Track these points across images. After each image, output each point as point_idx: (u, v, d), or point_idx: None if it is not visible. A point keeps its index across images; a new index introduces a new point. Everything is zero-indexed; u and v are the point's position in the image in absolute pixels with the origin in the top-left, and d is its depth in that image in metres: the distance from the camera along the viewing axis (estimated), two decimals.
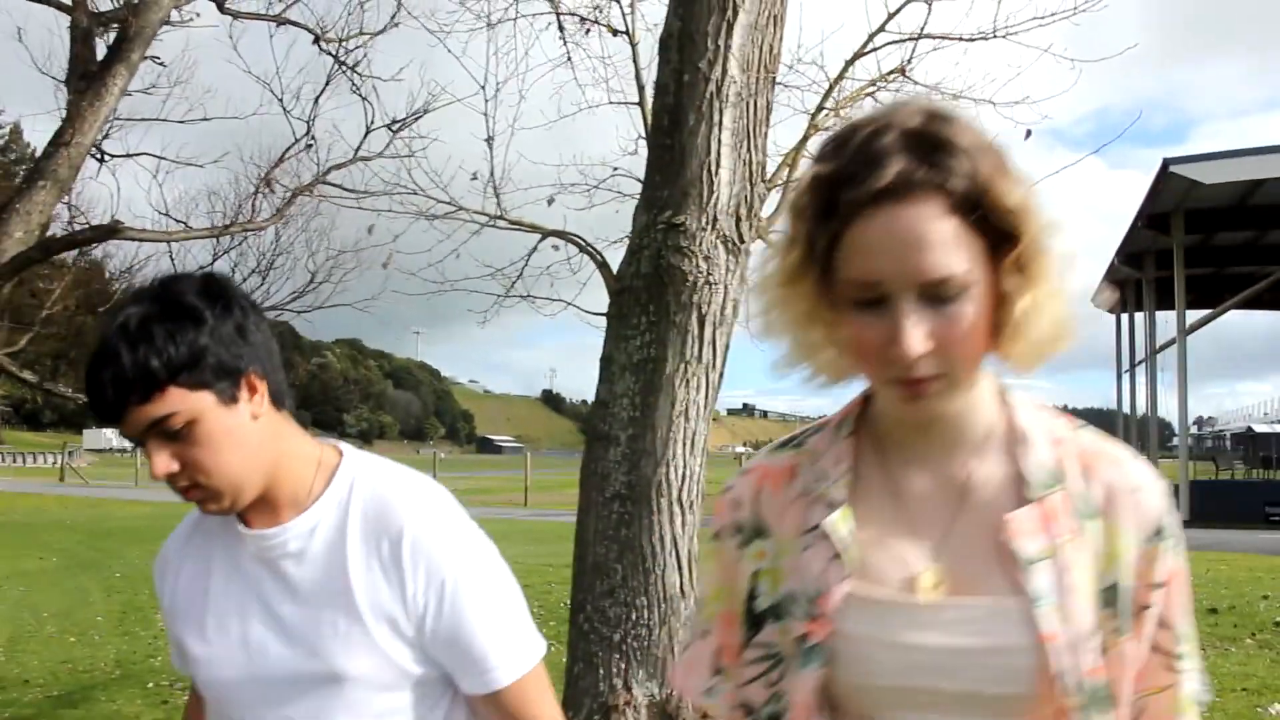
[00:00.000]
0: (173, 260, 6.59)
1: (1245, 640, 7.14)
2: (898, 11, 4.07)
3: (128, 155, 6.26)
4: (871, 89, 4.14)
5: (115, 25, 6.93)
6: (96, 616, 10.58)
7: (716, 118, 3.47)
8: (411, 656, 1.41)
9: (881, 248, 1.00)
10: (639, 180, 4.23)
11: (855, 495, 1.16)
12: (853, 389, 1.21)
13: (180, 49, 6.50)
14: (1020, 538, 1.07)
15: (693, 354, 3.57)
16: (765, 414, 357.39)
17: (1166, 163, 17.31)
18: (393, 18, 8.20)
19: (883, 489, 1.16)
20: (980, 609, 1.08)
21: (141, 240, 5.48)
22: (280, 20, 7.88)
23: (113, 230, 5.11)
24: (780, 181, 4.06)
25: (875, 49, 4.16)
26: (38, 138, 6.52)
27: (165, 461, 1.32)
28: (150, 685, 7.41)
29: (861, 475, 1.17)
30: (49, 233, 5.76)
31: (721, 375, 3.77)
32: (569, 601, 3.83)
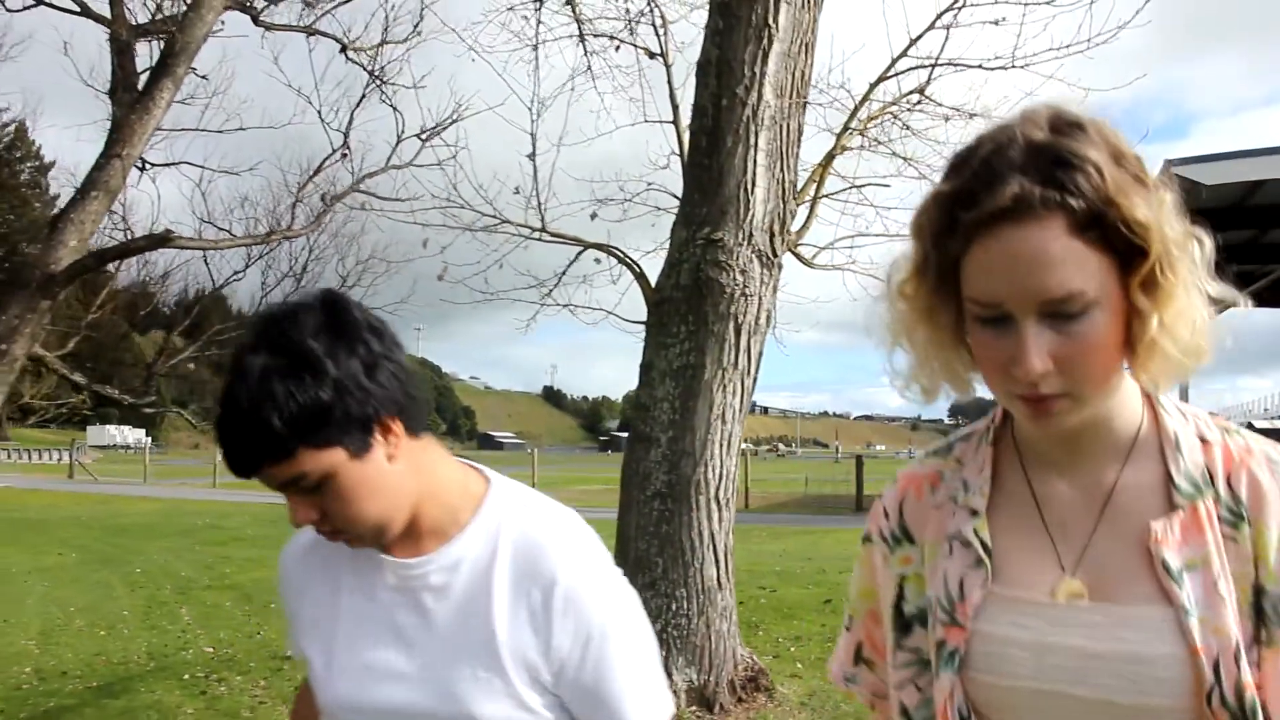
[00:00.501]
0: (207, 264, 6.82)
1: None
2: (919, 38, 4.31)
3: (170, 164, 6.50)
4: (893, 108, 4.38)
5: (155, 37, 7.20)
6: (123, 611, 10.75)
7: (753, 140, 3.70)
8: (543, 703, 1.37)
9: (1001, 268, 0.99)
10: (672, 195, 4.46)
11: (996, 503, 1.16)
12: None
13: (218, 60, 6.70)
14: (1168, 546, 1.04)
15: (729, 361, 3.81)
16: (766, 410, 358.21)
17: (1167, 164, 17.53)
18: (415, 27, 8.46)
19: (1024, 496, 1.15)
20: (1123, 616, 1.05)
21: (189, 248, 5.71)
22: (310, 31, 8.12)
23: (164, 239, 5.34)
24: (808, 197, 4.29)
25: (898, 73, 4.39)
26: (83, 148, 6.75)
27: (306, 513, 1.29)
28: (186, 677, 7.61)
29: (1003, 483, 1.17)
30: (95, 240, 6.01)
31: (755, 380, 4.00)
32: None
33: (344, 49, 8.41)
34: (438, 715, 1.35)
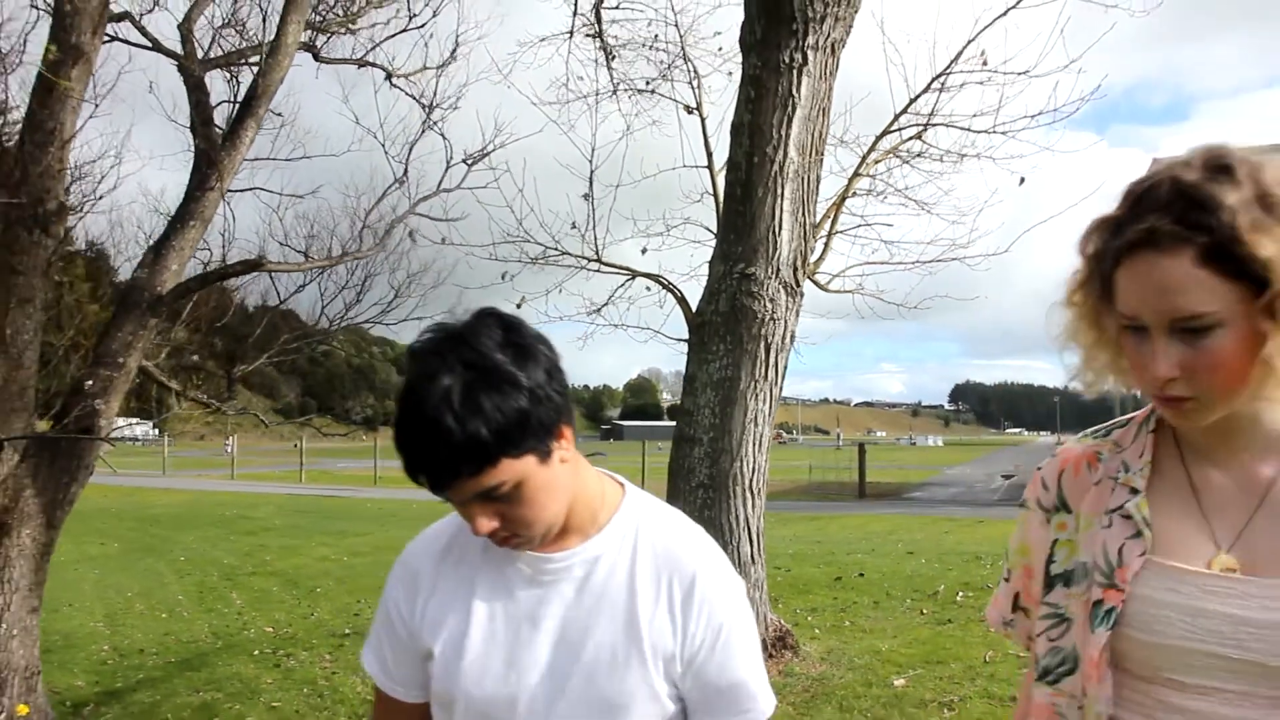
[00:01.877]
0: (273, 280, 7.55)
1: None
2: (915, 99, 5.05)
3: (246, 190, 7.24)
4: (892, 152, 5.12)
5: (225, 69, 7.91)
6: (178, 595, 11.39)
7: (780, 191, 4.44)
8: (670, 694, 1.43)
9: (1137, 289, 1.13)
10: (705, 228, 5.21)
11: (1154, 485, 1.27)
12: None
13: (285, 94, 7.42)
14: None
15: (760, 374, 4.56)
16: None
17: (1155, 162, 18.23)
18: (452, 53, 9.18)
19: (1180, 482, 1.26)
20: (1273, 588, 1.16)
21: (277, 271, 6.45)
22: (361, 63, 8.84)
23: (257, 264, 6.08)
24: (823, 233, 5.05)
25: (900, 129, 5.13)
26: (167, 177, 7.46)
27: (488, 521, 1.33)
28: (255, 653, 8.30)
29: (1161, 468, 1.28)
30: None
31: (781, 390, 4.75)
32: None
33: (389, 77, 9.12)
34: (580, 700, 1.40)
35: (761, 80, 4.51)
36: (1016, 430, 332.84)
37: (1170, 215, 1.11)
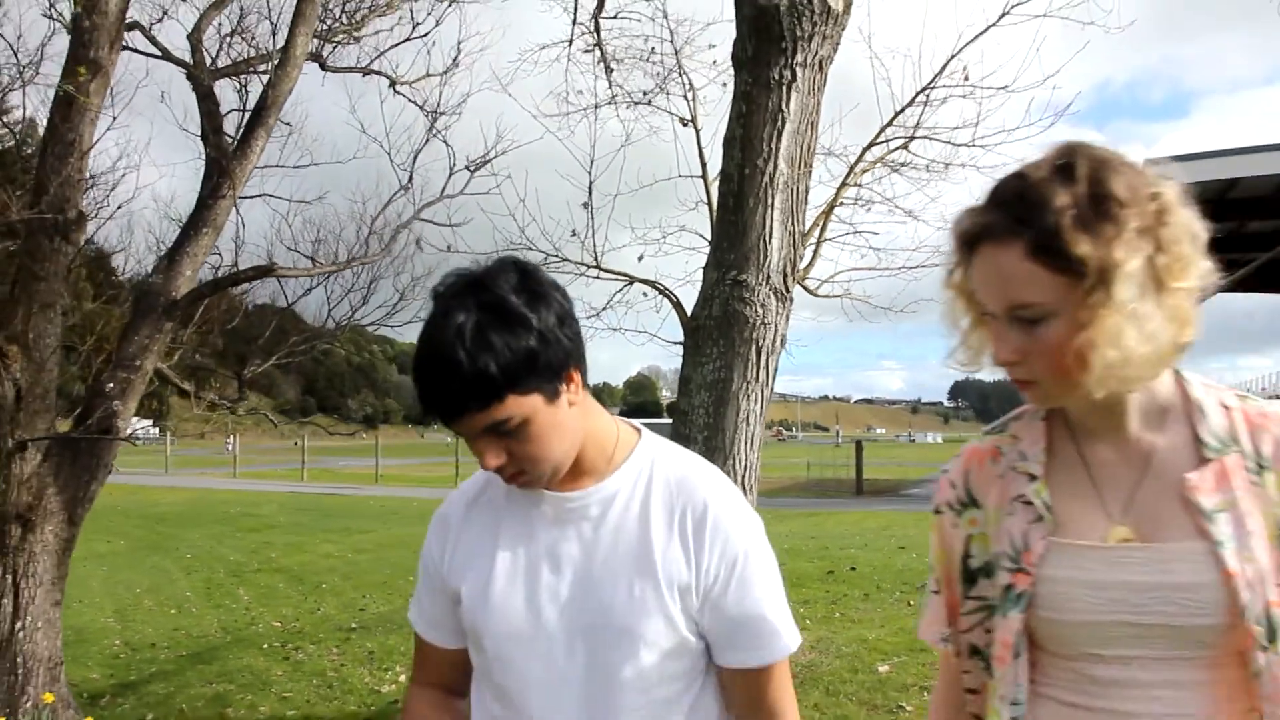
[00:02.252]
0: (281, 283, 7.77)
1: None
2: (900, 112, 5.27)
3: (256, 196, 7.47)
4: (879, 162, 5.35)
5: (233, 78, 8.12)
6: (185, 592, 11.61)
7: (770, 201, 4.65)
8: (688, 626, 1.45)
9: (981, 277, 1.23)
10: (699, 235, 5.42)
11: (1051, 468, 1.33)
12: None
13: (292, 103, 7.61)
14: (1201, 493, 1.22)
15: (752, 376, 4.77)
16: None
17: (1147, 164, 18.47)
18: (454, 60, 9.39)
19: (1074, 462, 1.33)
20: (1169, 552, 1.22)
21: (287, 277, 6.68)
22: (366, 71, 9.06)
23: (268, 270, 6.31)
24: (813, 240, 5.27)
25: (887, 140, 5.36)
26: (177, 183, 7.66)
27: (495, 457, 1.38)
28: (264, 646, 8.53)
29: (1056, 451, 1.35)
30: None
31: (772, 391, 4.97)
32: None
33: (393, 84, 9.34)
34: (599, 630, 1.44)
35: (752, 96, 4.72)
36: None
37: (1006, 210, 1.21)
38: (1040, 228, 1.17)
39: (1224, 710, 1.22)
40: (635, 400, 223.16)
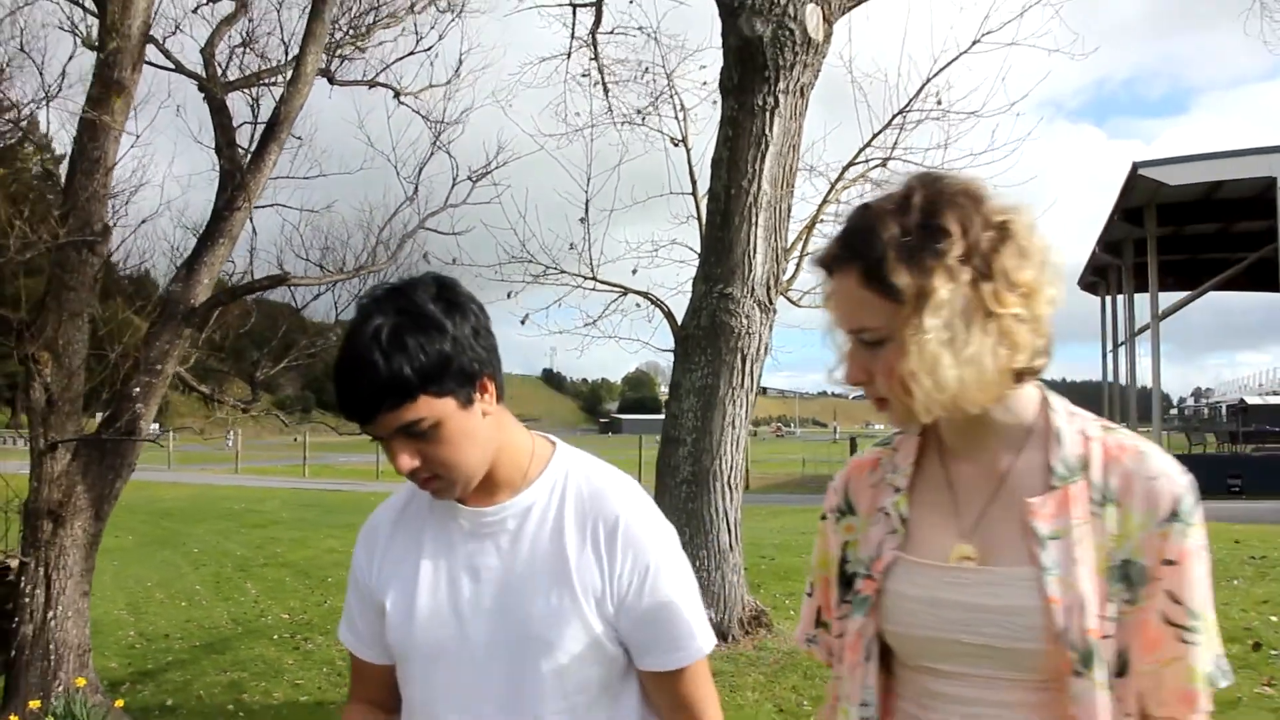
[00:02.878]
0: (291, 290, 8.11)
1: None
2: (877, 134, 5.63)
3: (268, 206, 7.81)
4: (859, 180, 5.70)
5: (244, 91, 8.45)
6: (195, 585, 11.87)
7: (754, 219, 5.00)
8: (606, 633, 1.50)
9: (833, 302, 1.29)
10: (689, 248, 5.77)
11: (915, 483, 1.38)
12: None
13: (302, 117, 7.93)
14: (1039, 518, 1.24)
15: (737, 382, 5.14)
16: (765, 390, 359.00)
17: (1135, 165, 18.90)
18: (456, 71, 9.71)
19: (938, 478, 1.37)
20: (1000, 575, 1.25)
21: (300, 285, 7.01)
22: (372, 84, 9.40)
23: (282, 279, 6.65)
24: (795, 254, 5.63)
25: (865, 161, 5.71)
26: (193, 194, 8.02)
27: (408, 459, 1.42)
28: (275, 637, 8.82)
29: (924, 467, 1.39)
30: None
31: (756, 396, 5.32)
32: None
33: (397, 95, 9.67)
34: (517, 640, 1.49)
35: (738, 121, 5.08)
36: None
37: (847, 240, 1.27)
38: (869, 257, 1.22)
39: None
40: (634, 396, 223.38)
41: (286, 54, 8.83)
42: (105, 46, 6.35)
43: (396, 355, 1.36)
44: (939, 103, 5.51)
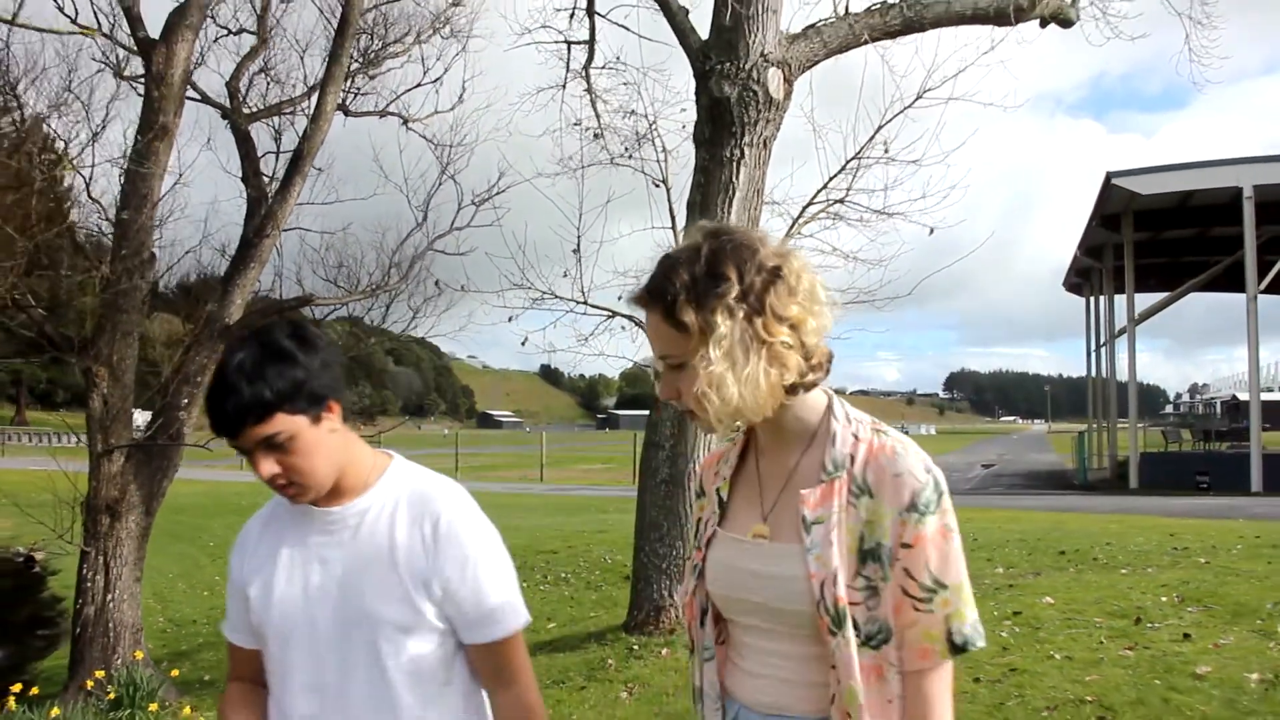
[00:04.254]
0: (312, 309, 8.90)
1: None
2: (829, 182, 6.43)
3: (292, 229, 8.60)
4: (818, 216, 6.49)
5: (266, 121, 9.21)
6: (214, 576, 12.53)
7: None
8: (434, 613, 1.74)
9: (647, 334, 1.54)
10: None
11: (737, 473, 1.67)
12: None
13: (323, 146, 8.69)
14: (808, 506, 1.50)
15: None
16: None
17: (1109, 175, 19.69)
18: (460, 97, 10.48)
19: (751, 470, 1.64)
20: (779, 550, 1.52)
21: (324, 304, 7.81)
22: (383, 114, 10.18)
23: (309, 300, 7.45)
24: None
25: (825, 200, 6.49)
26: (225, 215, 8.79)
27: (269, 467, 1.66)
28: None
29: (746, 460, 1.67)
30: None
31: None
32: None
33: (405, 122, 10.46)
34: (356, 618, 1.73)
35: (709, 170, 5.86)
36: (1011, 418, 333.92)
37: (651, 285, 1.50)
38: (666, 299, 1.46)
39: (817, 679, 1.50)
40: (631, 392, 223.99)
41: (305, 80, 9.62)
42: (151, 94, 7.14)
43: (257, 381, 1.61)
44: (886, 150, 6.31)
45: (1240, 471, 19.80)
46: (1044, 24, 7.42)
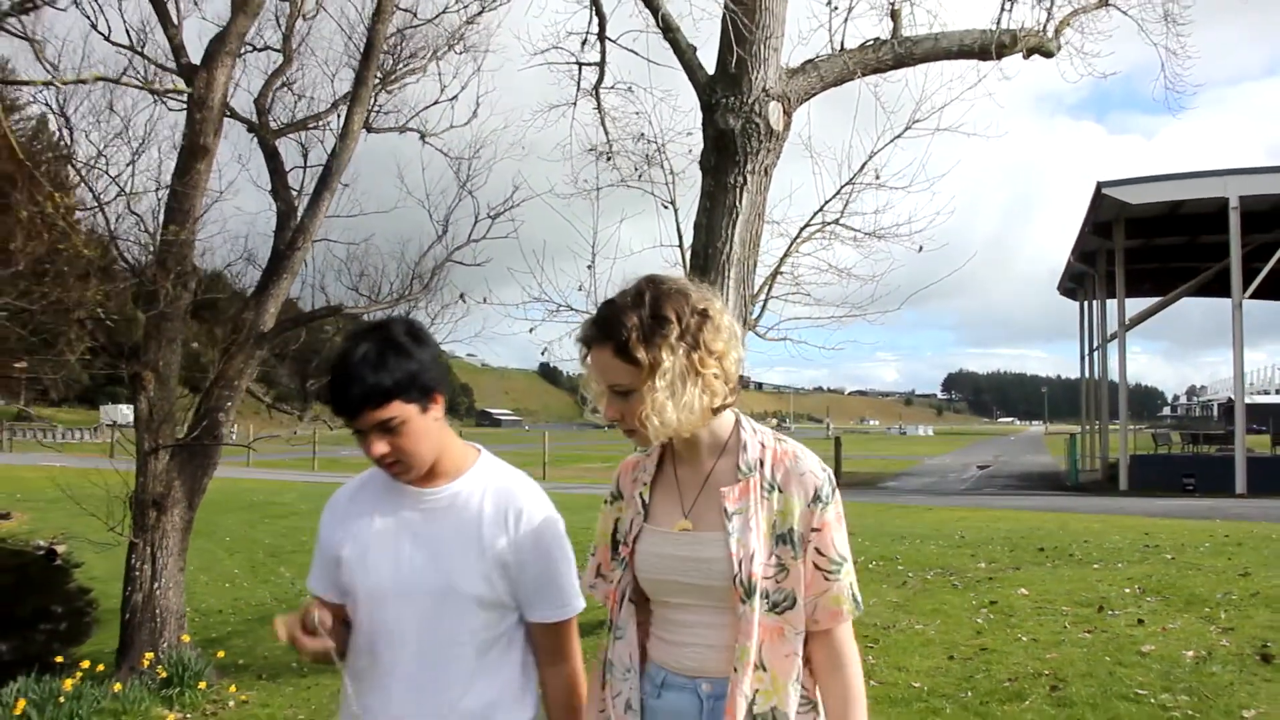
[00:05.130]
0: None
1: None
2: (823, 206, 6.95)
3: (320, 241, 9.11)
4: (815, 235, 7.00)
5: (296, 133, 9.69)
6: (233, 570, 13.04)
7: (727, 273, 6.28)
8: (507, 590, 1.96)
9: (594, 367, 1.80)
10: None
11: (656, 478, 1.93)
12: None
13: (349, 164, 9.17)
14: (729, 501, 1.80)
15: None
16: (760, 386, 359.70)
17: (1099, 185, 20.25)
18: (474, 112, 10.97)
19: (670, 476, 1.91)
20: (703, 538, 1.81)
21: (351, 314, 8.31)
22: (402, 129, 10.67)
23: (337, 310, 7.96)
24: (763, 297, 6.95)
25: (821, 222, 7.02)
26: (253, 226, 9.28)
27: (381, 447, 1.87)
28: None
29: (663, 468, 1.93)
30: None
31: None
32: None
33: (423, 137, 10.94)
34: (439, 588, 1.94)
35: (714, 195, 6.38)
36: (1009, 419, 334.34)
37: (600, 326, 1.76)
38: (618, 339, 1.72)
39: (732, 642, 1.78)
40: None
41: (333, 93, 10.10)
42: (193, 116, 7.64)
43: (379, 370, 1.82)
44: (877, 177, 6.82)
45: (1226, 474, 20.34)
46: (1027, 56, 7.95)
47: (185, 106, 7.81)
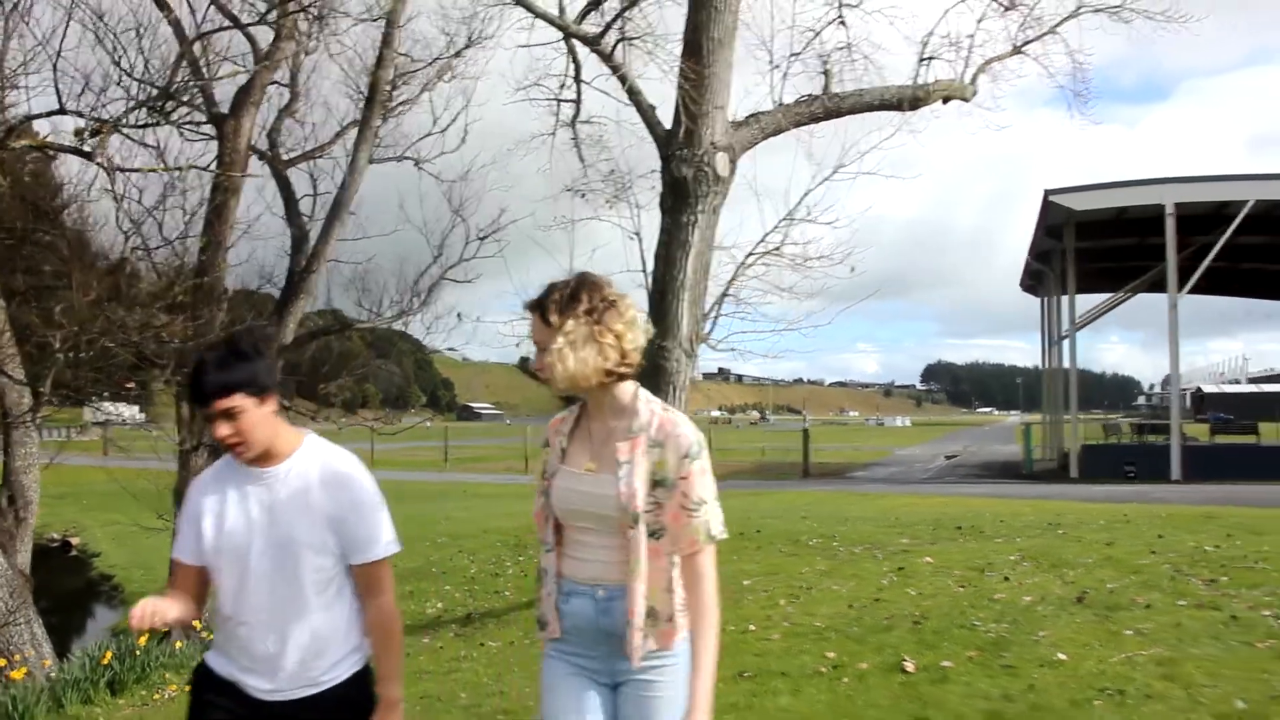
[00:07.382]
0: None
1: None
2: (766, 235, 8.22)
3: (330, 262, 10.29)
4: (754, 264, 8.28)
5: (305, 162, 10.80)
6: None
7: (682, 296, 7.51)
8: (334, 541, 2.44)
9: (532, 328, 2.31)
10: (640, 310, 8.30)
11: (574, 431, 2.44)
12: None
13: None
14: (621, 453, 2.30)
15: (670, 404, 7.64)
16: (740, 378, 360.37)
17: (1047, 193, 21.65)
18: (463, 139, 12.12)
19: (585, 430, 2.42)
20: (601, 479, 2.32)
21: (360, 328, 9.51)
22: (400, 158, 11.84)
23: (348, 324, 9.16)
24: (714, 315, 8.22)
25: (763, 251, 8.28)
26: (270, 250, 10.43)
27: (225, 430, 2.36)
28: None
29: (580, 423, 2.44)
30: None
31: (686, 410, 7.81)
32: None
33: (417, 164, 12.09)
34: (283, 541, 2.42)
35: (671, 231, 7.62)
36: (987, 410, 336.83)
37: (537, 300, 2.30)
38: (543, 307, 2.27)
39: (620, 559, 2.30)
40: None
41: (336, 123, 11.21)
42: (222, 159, 8.82)
43: (226, 369, 2.35)
44: (808, 213, 8.09)
45: (1165, 461, 21.78)
46: (946, 102, 9.24)
47: (216, 147, 8.99)
